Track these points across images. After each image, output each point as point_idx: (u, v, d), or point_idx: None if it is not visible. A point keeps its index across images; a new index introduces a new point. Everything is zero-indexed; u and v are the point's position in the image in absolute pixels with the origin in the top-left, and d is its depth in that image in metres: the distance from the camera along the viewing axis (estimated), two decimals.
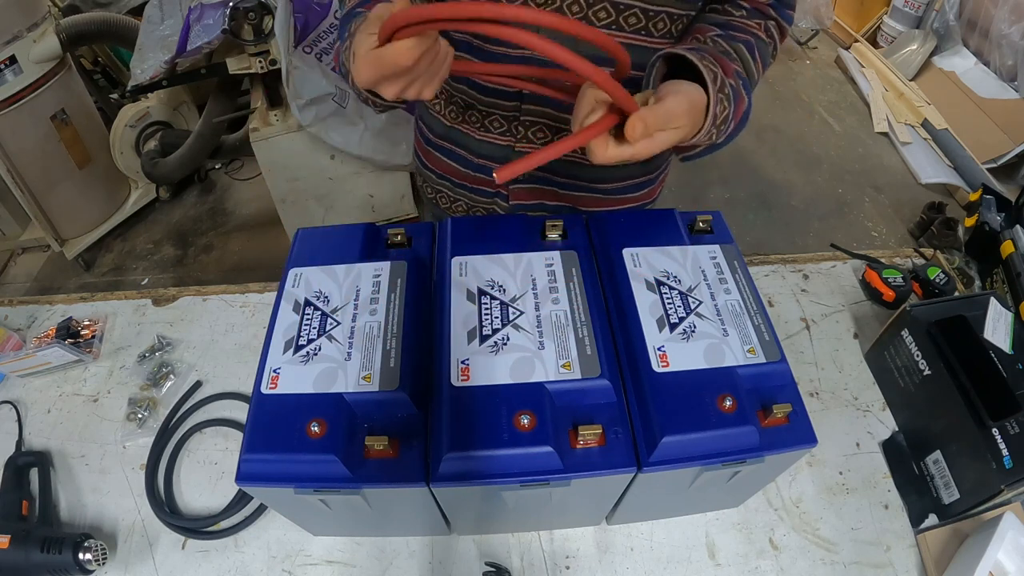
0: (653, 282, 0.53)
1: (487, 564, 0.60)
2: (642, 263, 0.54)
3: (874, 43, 3.09)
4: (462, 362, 0.47)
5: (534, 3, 0.58)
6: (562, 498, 0.48)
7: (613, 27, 0.60)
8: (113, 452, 0.70)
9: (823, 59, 3.15)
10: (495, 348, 0.48)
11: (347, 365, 0.47)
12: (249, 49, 1.54)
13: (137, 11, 2.08)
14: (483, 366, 0.47)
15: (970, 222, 1.92)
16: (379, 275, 0.53)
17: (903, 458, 0.67)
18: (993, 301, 0.68)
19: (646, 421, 0.45)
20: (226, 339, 0.80)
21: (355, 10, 0.59)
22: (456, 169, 0.78)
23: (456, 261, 0.54)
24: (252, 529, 0.64)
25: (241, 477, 0.44)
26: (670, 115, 0.48)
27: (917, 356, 0.66)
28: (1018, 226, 1.76)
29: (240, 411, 0.73)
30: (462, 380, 0.46)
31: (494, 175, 0.46)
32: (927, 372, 0.65)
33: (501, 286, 0.52)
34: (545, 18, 0.39)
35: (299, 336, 0.49)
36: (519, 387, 0.46)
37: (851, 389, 0.74)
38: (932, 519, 0.63)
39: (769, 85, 2.97)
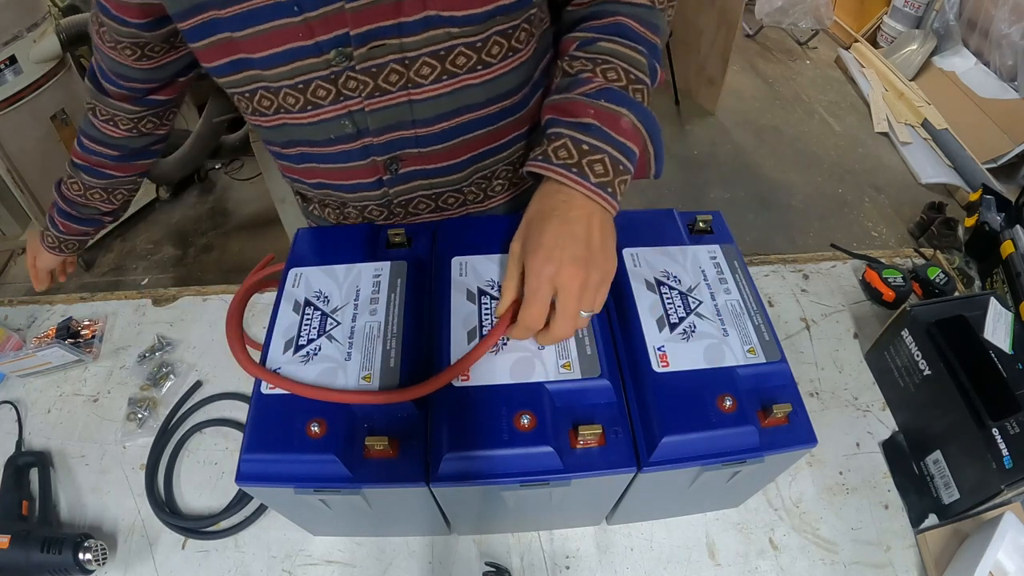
0: (653, 282, 0.53)
1: (487, 564, 0.60)
2: (642, 263, 0.54)
3: (874, 43, 3.09)
4: None
5: (355, 79, 0.53)
6: (562, 498, 0.48)
7: (444, 78, 0.54)
8: (113, 452, 0.70)
9: (823, 59, 3.15)
10: (495, 348, 0.48)
11: (347, 365, 0.47)
12: None
13: None
14: (483, 366, 0.47)
15: (970, 222, 1.92)
16: (379, 275, 0.53)
17: (903, 458, 0.67)
18: (993, 301, 0.68)
19: (646, 421, 0.45)
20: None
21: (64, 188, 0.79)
22: None
23: (456, 261, 0.54)
24: (252, 529, 0.64)
25: (241, 477, 0.44)
26: (528, 324, 0.45)
27: (917, 356, 0.66)
28: (1018, 226, 1.76)
29: (240, 411, 0.73)
30: (462, 380, 0.46)
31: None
32: (927, 372, 0.65)
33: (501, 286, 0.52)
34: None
35: (299, 336, 0.49)
36: (519, 387, 0.46)
37: (851, 389, 0.74)
38: (932, 519, 0.63)
39: (769, 85, 2.97)
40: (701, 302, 0.51)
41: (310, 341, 0.49)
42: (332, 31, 0.50)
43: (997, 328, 0.66)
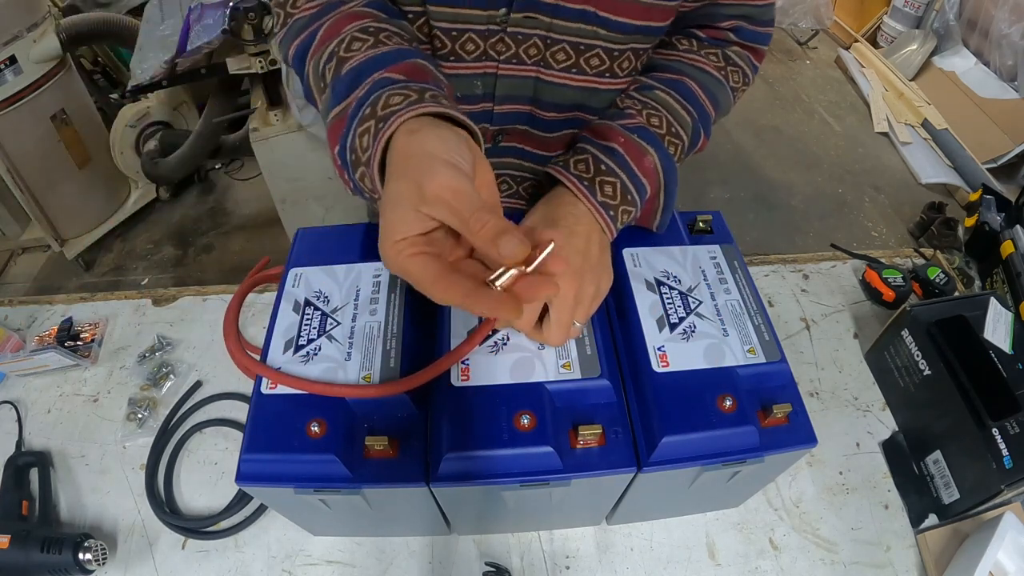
0: (653, 282, 0.53)
1: (487, 564, 0.60)
2: (642, 263, 0.54)
3: (874, 43, 3.09)
4: (462, 362, 0.47)
5: (503, 42, 0.54)
6: (562, 498, 0.48)
7: (573, 70, 0.56)
8: (113, 452, 0.70)
9: (823, 59, 3.15)
10: (495, 348, 0.48)
11: (347, 365, 0.47)
12: (249, 49, 1.54)
13: (137, 11, 2.07)
14: (483, 366, 0.47)
15: (970, 222, 1.93)
16: (379, 275, 0.53)
17: (903, 458, 0.67)
18: (993, 301, 0.68)
19: (646, 421, 0.45)
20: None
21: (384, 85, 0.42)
22: None
23: None
24: (252, 529, 0.64)
25: (241, 477, 0.44)
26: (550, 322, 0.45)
27: (917, 356, 0.66)
28: (1018, 226, 1.76)
29: (240, 411, 0.73)
30: (462, 380, 0.46)
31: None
32: (927, 372, 0.65)
33: None
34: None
35: (299, 336, 0.49)
36: (519, 387, 0.46)
37: (851, 389, 0.74)
38: (932, 519, 0.63)
39: (769, 85, 2.97)
40: (701, 302, 0.51)
41: (310, 341, 0.49)
42: None
43: (997, 328, 0.66)
